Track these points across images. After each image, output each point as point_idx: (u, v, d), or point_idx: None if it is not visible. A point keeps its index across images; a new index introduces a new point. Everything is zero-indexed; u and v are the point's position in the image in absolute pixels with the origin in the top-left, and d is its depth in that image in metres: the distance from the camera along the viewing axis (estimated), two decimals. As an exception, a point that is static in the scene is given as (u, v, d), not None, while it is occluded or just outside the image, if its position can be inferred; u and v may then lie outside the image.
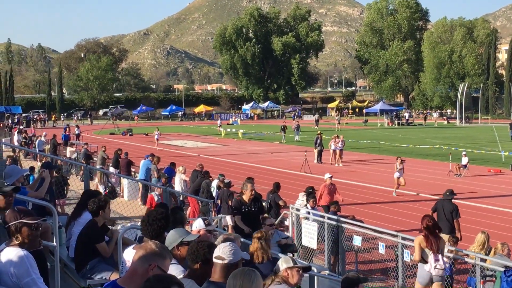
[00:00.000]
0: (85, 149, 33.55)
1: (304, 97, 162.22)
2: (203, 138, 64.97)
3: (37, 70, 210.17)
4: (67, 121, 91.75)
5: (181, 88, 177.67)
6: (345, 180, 31.36)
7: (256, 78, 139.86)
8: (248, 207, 13.46)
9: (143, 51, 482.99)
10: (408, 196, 26.51)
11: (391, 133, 67.39)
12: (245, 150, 49.69)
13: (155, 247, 4.58)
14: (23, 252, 5.33)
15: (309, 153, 37.30)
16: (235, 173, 31.67)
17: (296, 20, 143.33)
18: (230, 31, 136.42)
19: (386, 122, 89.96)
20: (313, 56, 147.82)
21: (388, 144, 51.63)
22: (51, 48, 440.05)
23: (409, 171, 34.44)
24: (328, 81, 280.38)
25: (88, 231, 8.39)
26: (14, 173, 9.76)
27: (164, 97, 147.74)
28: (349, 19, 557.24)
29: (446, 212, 16.27)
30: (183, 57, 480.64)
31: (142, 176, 24.92)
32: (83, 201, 9.54)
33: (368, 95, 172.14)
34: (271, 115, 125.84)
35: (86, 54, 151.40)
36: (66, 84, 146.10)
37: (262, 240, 8.50)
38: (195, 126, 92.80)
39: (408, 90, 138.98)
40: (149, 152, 29.79)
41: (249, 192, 13.46)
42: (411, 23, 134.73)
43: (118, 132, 71.39)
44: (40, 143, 41.18)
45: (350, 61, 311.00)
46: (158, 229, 6.76)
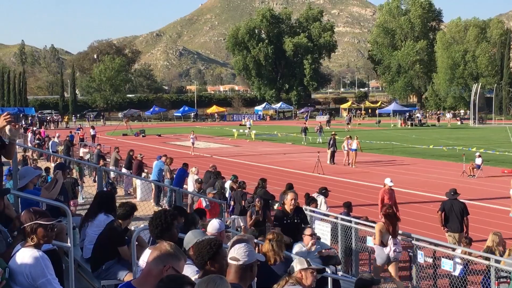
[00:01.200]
0: (98, 150, 33.64)
1: (317, 98, 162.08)
2: (216, 139, 65.00)
3: (50, 71, 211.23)
4: (79, 122, 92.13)
5: (193, 89, 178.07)
6: (358, 181, 31.31)
7: (268, 79, 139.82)
8: (290, 218, 12.67)
9: (155, 52, 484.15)
10: (421, 197, 26.42)
11: (404, 134, 67.20)
12: (257, 151, 49.68)
13: (170, 248, 4.58)
14: (39, 253, 5.34)
15: (321, 154, 37.22)
16: (248, 174, 31.66)
17: (308, 21, 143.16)
18: (243, 32, 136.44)
19: (399, 123, 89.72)
20: (326, 56, 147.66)
21: (401, 145, 51.48)
22: (64, 50, 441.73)
23: (422, 172, 34.37)
24: (341, 81, 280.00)
25: (110, 234, 8.40)
26: (27, 174, 9.78)
27: (177, 98, 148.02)
28: (361, 20, 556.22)
29: (456, 211, 16.33)
30: (196, 58, 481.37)
31: (154, 177, 24.95)
32: (98, 202, 9.55)
33: (381, 95, 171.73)
34: (284, 116, 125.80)
35: (99, 55, 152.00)
36: (79, 85, 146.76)
37: (274, 242, 8.50)
38: (208, 127, 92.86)
39: (421, 90, 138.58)
40: (162, 153, 29.82)
41: (291, 202, 12.72)
42: (424, 23, 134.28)
43: (131, 133, 71.58)
44: (54, 144, 41.30)
45: (363, 62, 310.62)
46: (158, 227, 6.75)
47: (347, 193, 26.08)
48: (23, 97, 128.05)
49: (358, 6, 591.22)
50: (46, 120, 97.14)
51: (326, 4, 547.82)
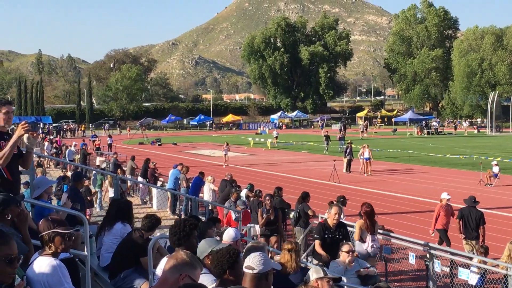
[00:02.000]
0: (114, 158, 33.74)
1: (333, 106, 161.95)
2: (232, 148, 64.96)
3: (67, 80, 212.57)
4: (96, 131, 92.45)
5: (209, 98, 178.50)
6: (374, 189, 31.19)
7: (284, 88, 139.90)
8: (332, 233, 12.18)
9: (171, 61, 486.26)
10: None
11: (421, 142, 66.94)
12: (273, 160, 49.63)
13: (186, 257, 4.58)
14: (56, 261, 5.37)
15: (337, 162, 37.13)
16: (263, 182, 31.64)
17: (324, 29, 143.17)
18: (258, 40, 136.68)
19: (415, 131, 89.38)
20: (341, 65, 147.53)
21: (418, 153, 51.26)
22: (81, 59, 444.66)
23: (439, 181, 34.18)
24: (357, 90, 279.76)
25: (132, 244, 8.42)
26: (42, 184, 9.83)
27: (193, 107, 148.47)
28: (377, 28, 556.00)
29: (473, 219, 16.23)
30: (212, 66, 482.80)
31: (170, 185, 24.96)
32: (114, 211, 9.57)
33: (397, 104, 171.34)
34: (300, 124, 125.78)
35: (115, 64, 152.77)
36: (96, 94, 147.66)
37: (293, 252, 8.47)
38: (224, 135, 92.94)
39: (437, 99, 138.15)
40: (178, 162, 29.87)
41: (335, 216, 12.15)
42: (440, 31, 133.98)
43: (147, 141, 71.80)
44: (70, 153, 41.46)
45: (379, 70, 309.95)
46: (176, 235, 6.77)
47: (363, 201, 25.97)
48: (40, 106, 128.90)
49: (374, 14, 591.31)
50: (62, 129, 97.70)
51: (342, 13, 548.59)
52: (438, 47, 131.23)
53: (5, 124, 7.36)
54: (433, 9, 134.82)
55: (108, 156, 40.75)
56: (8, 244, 3.80)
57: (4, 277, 3.77)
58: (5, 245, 3.77)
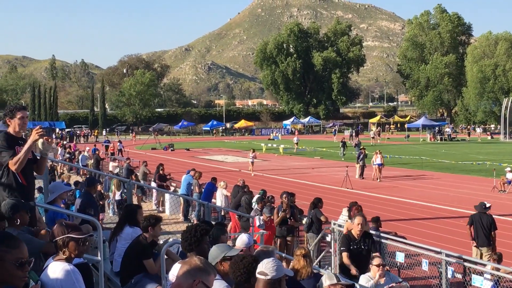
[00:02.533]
0: (127, 164, 33.83)
1: (345, 112, 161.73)
2: (244, 153, 65.00)
3: (80, 86, 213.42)
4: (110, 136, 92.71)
5: (222, 103, 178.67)
6: (386, 195, 31.11)
7: (296, 93, 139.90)
8: (357, 244, 11.80)
9: (184, 67, 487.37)
10: (451, 212, 26.17)
11: (434, 149, 66.72)
12: (286, 166, 49.60)
13: (200, 262, 4.58)
14: (70, 266, 5.38)
15: (350, 168, 37.05)
16: (276, 188, 31.61)
17: (336, 35, 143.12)
18: (271, 46, 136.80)
19: (428, 137, 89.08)
20: (354, 71, 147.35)
21: (431, 159, 51.09)
22: (94, 64, 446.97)
23: (452, 187, 34.06)
24: (370, 96, 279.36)
25: (136, 247, 8.46)
26: (56, 189, 9.87)
27: (205, 112, 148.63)
28: (390, 34, 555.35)
29: (484, 225, 16.19)
30: (224, 72, 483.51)
31: (183, 191, 24.98)
32: (125, 215, 9.62)
33: (410, 110, 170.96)
34: (312, 130, 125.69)
35: (128, 70, 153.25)
36: (109, 99, 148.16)
37: (307, 258, 8.46)
38: (236, 141, 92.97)
39: (450, 105, 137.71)
40: (191, 167, 29.89)
41: (358, 227, 11.69)
42: (453, 37, 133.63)
43: (160, 147, 71.95)
44: (83, 158, 41.63)
45: (392, 76, 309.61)
46: (187, 240, 6.79)
47: (375, 207, 25.93)
48: (53, 111, 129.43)
49: (387, 20, 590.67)
50: (76, 134, 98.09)
51: (355, 19, 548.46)
52: (451, 53, 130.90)
53: (20, 130, 7.42)
54: (447, 15, 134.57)
55: (121, 162, 40.85)
56: (17, 248, 3.81)
57: (16, 281, 3.79)
58: (14, 248, 3.79)
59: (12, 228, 6.28)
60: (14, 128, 7.39)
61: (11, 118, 7.39)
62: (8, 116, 7.42)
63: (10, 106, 7.58)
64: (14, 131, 7.40)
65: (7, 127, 7.56)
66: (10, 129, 7.42)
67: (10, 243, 3.79)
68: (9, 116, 7.40)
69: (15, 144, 7.26)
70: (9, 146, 7.22)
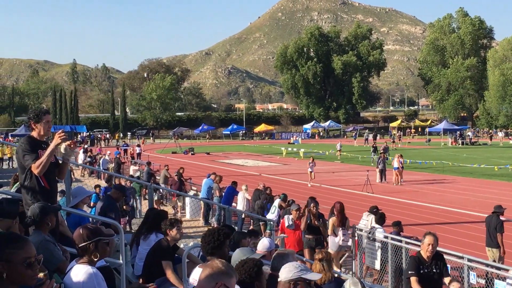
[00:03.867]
0: (148, 168, 33.96)
1: (366, 116, 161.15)
2: (264, 157, 65.03)
3: (101, 90, 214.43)
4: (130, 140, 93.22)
5: (242, 107, 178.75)
6: (407, 200, 30.97)
7: (317, 97, 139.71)
8: (428, 268, 10.78)
9: (204, 71, 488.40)
10: (473, 217, 25.99)
11: (455, 153, 66.29)
12: (306, 170, 49.44)
13: (222, 265, 4.58)
14: (92, 269, 5.41)
15: (371, 172, 36.92)
16: (296, 192, 31.58)
17: (357, 39, 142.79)
18: (291, 50, 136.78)
19: (450, 141, 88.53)
20: (375, 75, 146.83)
21: (452, 164, 50.78)
22: (115, 68, 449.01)
23: (474, 191, 33.83)
24: (390, 100, 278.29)
25: (157, 249, 8.49)
26: (79, 194, 9.94)
27: (226, 116, 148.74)
28: (411, 38, 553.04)
29: (492, 226, 16.48)
30: (244, 76, 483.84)
31: (203, 194, 25.04)
32: (151, 220, 9.62)
33: (431, 114, 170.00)
34: (332, 135, 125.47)
35: (149, 74, 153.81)
36: (129, 103, 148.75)
37: (324, 262, 8.39)
38: (256, 145, 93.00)
39: (472, 109, 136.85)
40: (211, 171, 29.94)
41: (429, 248, 10.59)
42: (474, 40, 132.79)
43: (180, 151, 72.10)
44: (104, 162, 41.80)
45: (413, 80, 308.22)
46: (210, 244, 6.80)
47: (396, 212, 25.82)
48: (74, 115, 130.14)
49: (408, 24, 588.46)
50: (96, 138, 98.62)
51: (376, 22, 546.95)
52: (473, 56, 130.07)
53: (45, 134, 7.48)
54: (469, 19, 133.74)
55: (142, 165, 41.00)
56: (23, 248, 3.83)
57: (27, 280, 3.82)
58: (20, 249, 3.81)
59: (39, 231, 6.31)
60: (39, 132, 7.44)
61: (36, 122, 7.44)
62: (33, 119, 7.47)
63: (36, 110, 7.64)
64: (39, 135, 7.45)
65: (30, 131, 7.62)
66: (34, 133, 7.47)
67: (17, 244, 3.81)
68: (35, 120, 7.45)
69: (38, 148, 7.31)
70: (32, 150, 7.27)
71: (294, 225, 15.99)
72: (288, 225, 16.01)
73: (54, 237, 6.63)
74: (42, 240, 6.14)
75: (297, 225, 16.04)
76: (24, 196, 7.31)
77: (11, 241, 3.79)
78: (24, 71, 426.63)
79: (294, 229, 15.96)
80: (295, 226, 16.02)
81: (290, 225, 15.99)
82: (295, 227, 16.01)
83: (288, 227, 15.98)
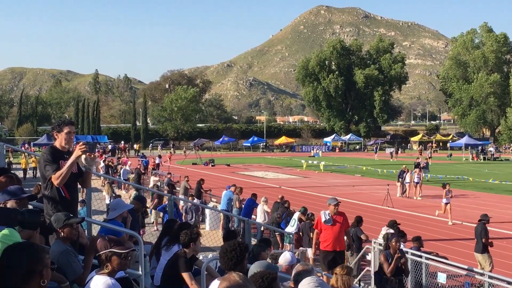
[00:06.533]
0: (168, 178, 34.06)
1: (387, 130, 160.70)
2: (285, 170, 64.98)
3: (123, 100, 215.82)
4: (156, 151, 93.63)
5: (263, 120, 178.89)
6: (428, 215, 30.80)
7: (338, 110, 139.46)
8: None
9: (226, 83, 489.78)
10: (494, 233, 25.76)
11: (476, 168, 65.87)
12: (326, 183, 49.40)
13: (239, 278, 4.60)
14: (111, 280, 5.44)
15: (391, 187, 36.75)
16: (316, 205, 31.51)
17: (379, 53, 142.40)
18: (313, 63, 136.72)
19: (471, 156, 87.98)
20: (396, 88, 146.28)
21: (474, 179, 50.46)
22: (137, 79, 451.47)
23: (495, 207, 33.57)
24: (412, 114, 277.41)
25: (176, 261, 8.51)
26: (118, 207, 10.01)
27: (246, 128, 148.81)
28: (433, 52, 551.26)
29: (477, 233, 18.07)
30: (266, 88, 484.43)
31: (223, 206, 25.07)
32: (175, 232, 9.63)
33: (452, 128, 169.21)
34: (353, 148, 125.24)
35: (170, 85, 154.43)
36: (151, 114, 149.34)
37: (345, 276, 8.35)
38: (277, 157, 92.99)
39: (494, 124, 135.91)
40: (231, 183, 29.98)
41: None
42: (498, 56, 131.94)
43: (201, 162, 72.25)
44: (125, 172, 41.90)
45: (434, 94, 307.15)
46: (233, 260, 6.79)
47: (416, 227, 25.69)
48: (96, 125, 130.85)
49: (430, 38, 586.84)
50: (117, 148, 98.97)
51: (398, 36, 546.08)
52: (496, 72, 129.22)
53: (66, 144, 7.52)
54: (493, 35, 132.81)
55: (162, 176, 41.09)
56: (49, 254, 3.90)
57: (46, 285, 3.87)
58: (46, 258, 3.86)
59: (60, 241, 6.35)
60: (60, 142, 7.50)
61: (58, 132, 7.51)
62: (55, 129, 7.54)
63: (59, 121, 7.72)
64: (60, 145, 7.51)
65: (53, 140, 7.69)
66: (57, 143, 7.53)
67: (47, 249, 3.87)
68: (57, 130, 7.52)
69: (60, 159, 7.35)
70: (53, 160, 7.31)
71: (331, 220, 15.16)
72: (325, 220, 15.18)
73: (74, 248, 6.67)
74: (63, 250, 6.18)
75: (335, 220, 15.21)
76: (45, 206, 7.36)
77: (44, 249, 3.86)
78: (47, 80, 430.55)
79: (332, 224, 15.13)
80: (333, 222, 15.17)
81: (327, 220, 15.16)
82: (333, 222, 15.17)
83: (325, 222, 15.16)
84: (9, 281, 3.61)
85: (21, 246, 3.90)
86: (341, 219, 15.35)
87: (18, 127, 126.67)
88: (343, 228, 15.45)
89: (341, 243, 15.41)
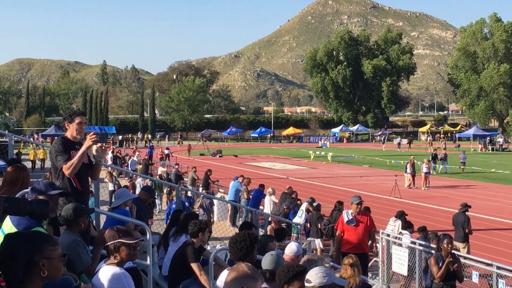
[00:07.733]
0: (176, 169, 34.11)
1: (395, 120, 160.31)
2: (292, 161, 64.95)
3: (130, 91, 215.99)
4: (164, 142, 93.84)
5: (270, 110, 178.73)
6: (435, 205, 30.76)
7: (345, 101, 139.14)
8: None
9: (233, 73, 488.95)
10: (502, 224, 25.75)
11: (485, 159, 65.66)
12: (334, 173, 49.36)
13: (247, 269, 4.61)
14: (121, 270, 5.46)
15: (399, 177, 36.71)
16: (324, 196, 31.53)
17: (387, 43, 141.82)
18: (321, 54, 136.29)
19: (479, 147, 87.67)
20: (404, 79, 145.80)
21: (482, 169, 50.34)
22: (145, 70, 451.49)
23: (504, 198, 33.51)
24: (420, 104, 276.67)
25: (184, 251, 8.52)
26: (122, 196, 10.06)
27: (254, 119, 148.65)
28: (441, 42, 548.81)
29: (459, 223, 18.33)
30: (273, 79, 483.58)
31: (231, 197, 25.09)
32: (182, 222, 9.66)
33: (460, 119, 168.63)
34: (361, 139, 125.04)
35: (178, 76, 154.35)
36: (158, 105, 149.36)
37: (355, 267, 8.37)
38: (284, 148, 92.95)
39: (502, 114, 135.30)
40: (239, 174, 29.98)
41: None
42: (507, 46, 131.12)
43: (208, 153, 72.26)
44: (133, 163, 41.96)
45: (442, 85, 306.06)
46: (242, 250, 6.81)
47: (424, 217, 25.66)
48: (104, 116, 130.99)
49: (439, 28, 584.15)
50: (125, 139, 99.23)
51: (406, 27, 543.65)
52: (505, 62, 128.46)
53: (77, 135, 7.54)
54: (502, 25, 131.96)
55: (170, 167, 41.14)
56: (58, 244, 3.88)
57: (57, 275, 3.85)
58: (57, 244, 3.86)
59: (70, 232, 6.37)
60: (71, 132, 7.52)
61: (69, 123, 7.53)
62: (67, 120, 7.57)
63: (70, 111, 7.75)
64: (72, 135, 7.53)
65: (64, 131, 7.72)
66: (68, 134, 7.55)
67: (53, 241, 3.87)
68: (68, 121, 7.55)
69: (71, 149, 7.38)
70: (65, 151, 7.34)
71: (355, 220, 14.04)
72: (347, 221, 14.05)
73: (85, 239, 6.69)
74: (72, 241, 6.20)
75: (358, 221, 14.09)
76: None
77: (47, 240, 3.84)
78: (55, 71, 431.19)
79: (355, 225, 13.99)
80: (356, 222, 14.05)
81: (350, 220, 14.02)
82: (356, 223, 14.05)
83: (348, 223, 14.03)
84: (8, 270, 3.58)
85: (20, 235, 3.86)
86: (365, 220, 14.26)
87: (26, 118, 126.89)
88: (368, 230, 14.28)
89: (365, 246, 14.26)
